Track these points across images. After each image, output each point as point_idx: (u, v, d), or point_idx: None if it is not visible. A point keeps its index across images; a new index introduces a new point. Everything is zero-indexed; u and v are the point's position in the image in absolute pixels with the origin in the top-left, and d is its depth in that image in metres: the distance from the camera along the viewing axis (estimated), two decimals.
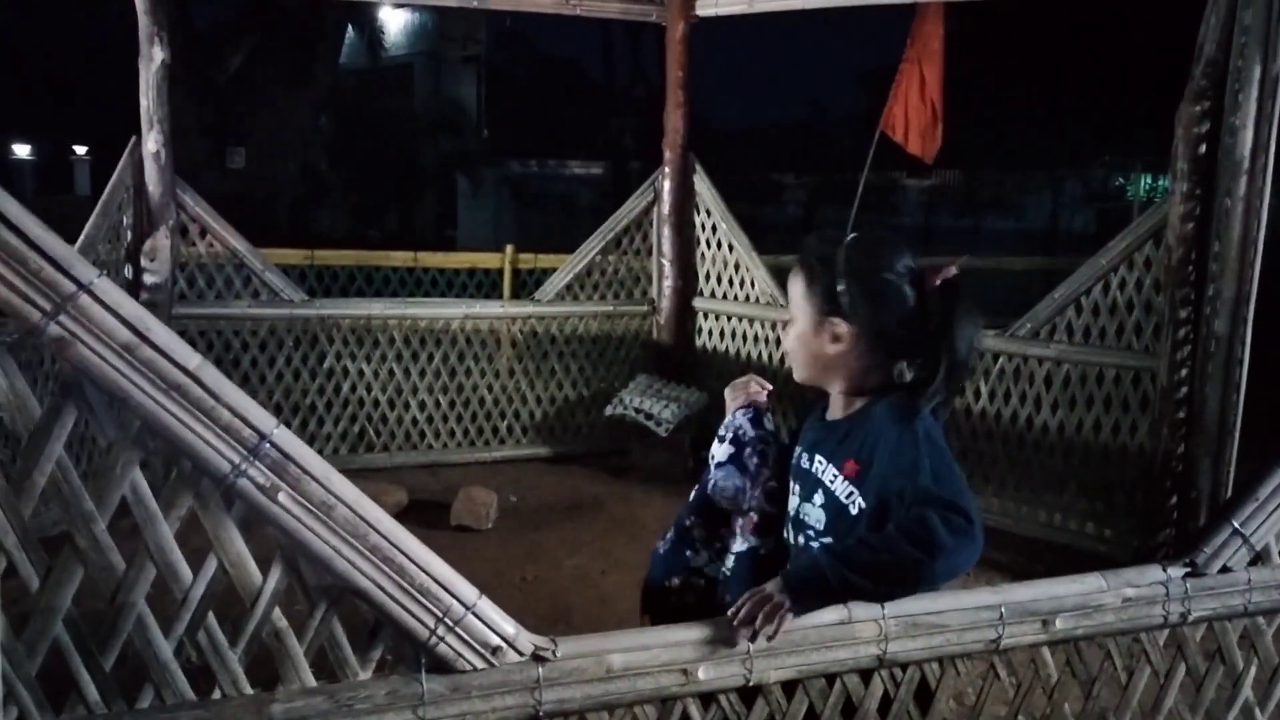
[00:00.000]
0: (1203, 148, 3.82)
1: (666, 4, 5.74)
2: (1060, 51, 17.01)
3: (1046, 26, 13.81)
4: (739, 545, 1.91)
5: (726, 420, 2.01)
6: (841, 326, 1.79)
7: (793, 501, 1.90)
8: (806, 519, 1.83)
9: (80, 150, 24.00)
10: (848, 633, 1.55)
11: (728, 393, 2.04)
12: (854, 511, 1.74)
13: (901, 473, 1.64)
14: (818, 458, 1.84)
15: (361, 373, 5.45)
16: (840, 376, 1.84)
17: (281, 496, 1.26)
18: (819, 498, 1.81)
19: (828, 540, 1.79)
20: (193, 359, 1.22)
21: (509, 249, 7.69)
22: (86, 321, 1.17)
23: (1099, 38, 15.59)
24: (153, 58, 4.73)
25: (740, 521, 1.93)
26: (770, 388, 2.02)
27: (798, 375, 1.91)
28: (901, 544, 1.57)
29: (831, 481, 1.79)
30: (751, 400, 2.00)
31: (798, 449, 1.92)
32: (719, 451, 1.97)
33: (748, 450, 1.95)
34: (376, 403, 5.49)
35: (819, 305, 1.81)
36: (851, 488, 1.75)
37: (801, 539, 1.86)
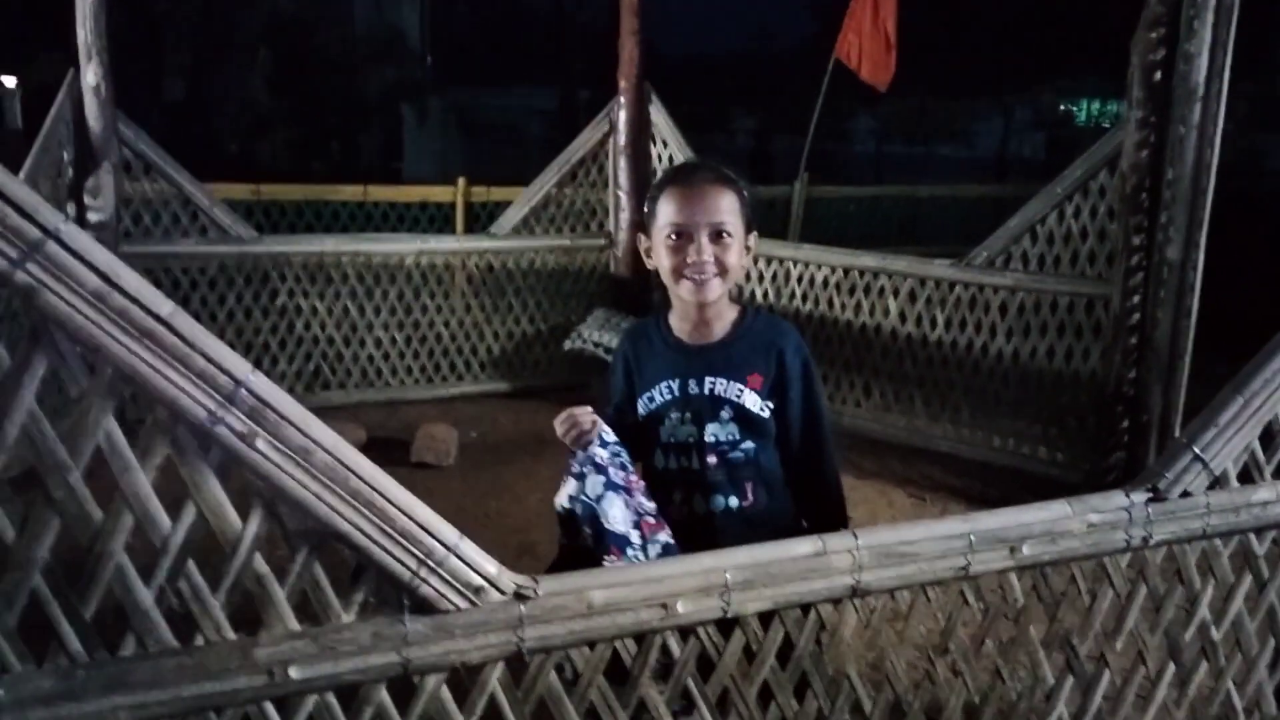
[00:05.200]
0: (1158, 75, 3.83)
1: None
2: None
3: None
4: (655, 550, 1.88)
5: (579, 457, 1.88)
6: (751, 239, 2.03)
7: (683, 430, 2.01)
8: (715, 438, 1.99)
9: (9, 81, 23.10)
10: (823, 563, 1.57)
11: (562, 432, 1.90)
12: (765, 415, 2.01)
13: (808, 376, 2.05)
14: (709, 380, 2.00)
15: (315, 310, 5.37)
16: (726, 292, 2.03)
17: (259, 442, 1.25)
18: (725, 414, 2.00)
19: (747, 446, 2.00)
20: (165, 305, 1.20)
21: (461, 182, 7.58)
22: (55, 269, 1.14)
23: None
24: None
25: (638, 529, 1.88)
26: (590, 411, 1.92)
27: (715, 295, 1.99)
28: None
29: (738, 396, 1.99)
30: (584, 432, 1.89)
31: (665, 383, 2.02)
32: (590, 487, 1.85)
33: (611, 470, 1.89)
34: (332, 340, 5.42)
35: (746, 220, 2.00)
36: (760, 398, 2.00)
37: (713, 458, 2.00)
